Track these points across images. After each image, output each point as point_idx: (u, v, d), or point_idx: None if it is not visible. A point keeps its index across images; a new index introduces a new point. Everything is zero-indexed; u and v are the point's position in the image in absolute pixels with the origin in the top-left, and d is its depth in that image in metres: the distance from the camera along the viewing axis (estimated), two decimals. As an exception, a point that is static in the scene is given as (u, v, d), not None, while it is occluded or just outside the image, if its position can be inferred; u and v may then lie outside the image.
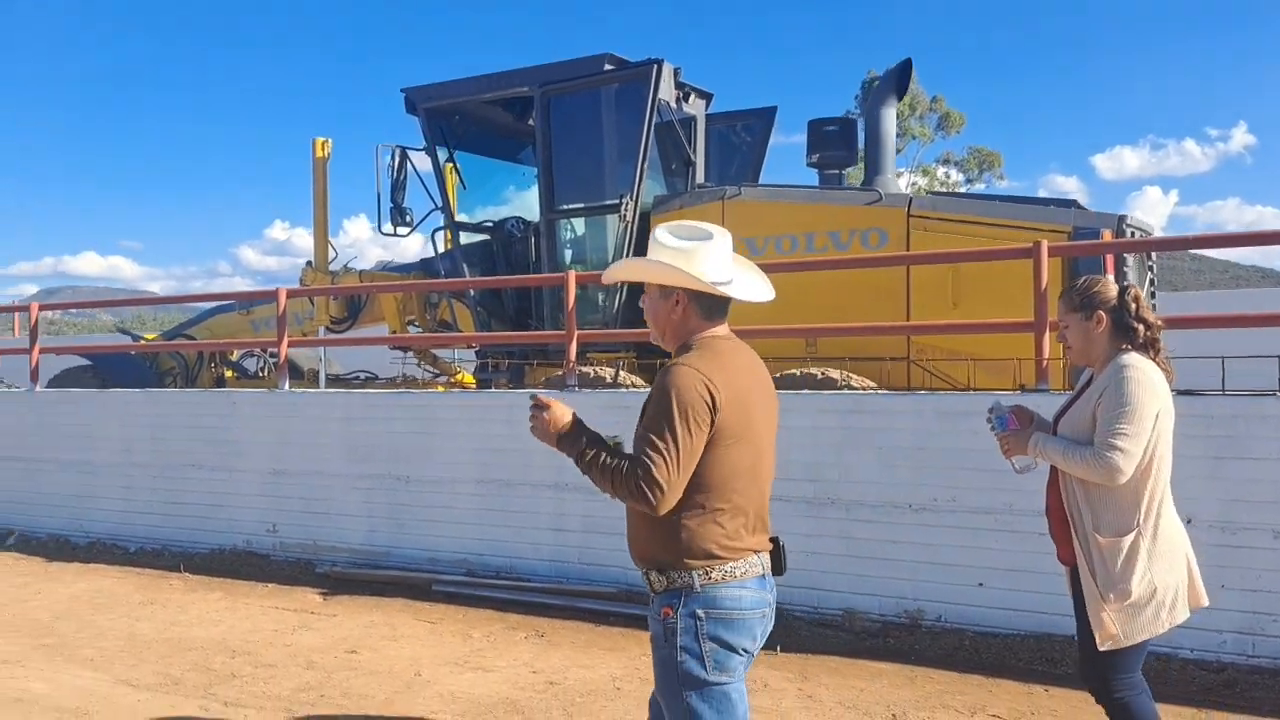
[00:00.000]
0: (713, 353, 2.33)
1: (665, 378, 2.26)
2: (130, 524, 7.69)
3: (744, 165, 8.59)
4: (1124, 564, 2.77)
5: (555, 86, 7.54)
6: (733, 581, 2.28)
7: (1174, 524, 2.86)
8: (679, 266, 2.33)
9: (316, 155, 8.98)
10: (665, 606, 2.29)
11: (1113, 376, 2.81)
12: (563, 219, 7.75)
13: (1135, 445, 2.72)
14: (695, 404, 2.21)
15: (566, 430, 2.36)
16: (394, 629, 5.36)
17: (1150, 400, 2.75)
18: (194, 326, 10.44)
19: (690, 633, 2.26)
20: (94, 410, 7.98)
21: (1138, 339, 2.88)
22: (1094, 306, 2.93)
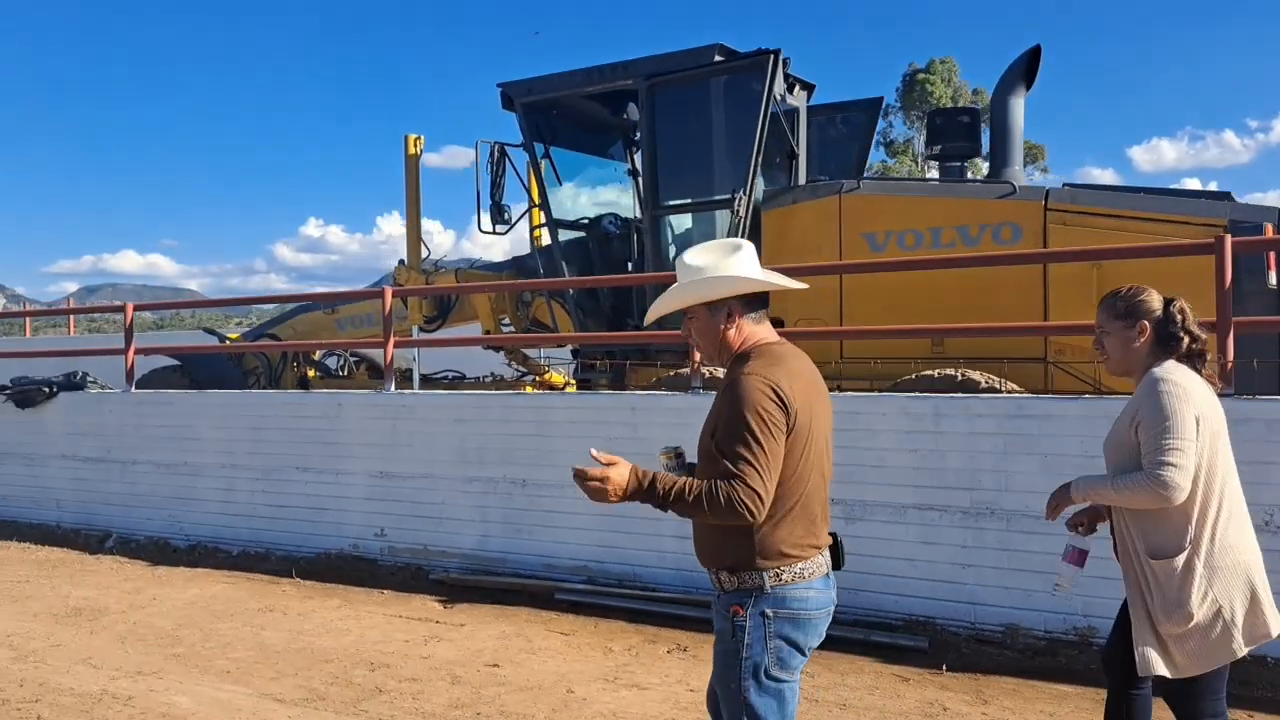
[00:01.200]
0: (773, 358, 2.36)
1: (736, 390, 2.28)
2: (232, 527, 7.60)
3: (844, 158, 8.31)
4: (1181, 587, 2.64)
5: (662, 79, 7.32)
6: (801, 582, 2.33)
7: (1244, 537, 2.71)
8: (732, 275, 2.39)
9: (409, 152, 8.83)
10: (735, 605, 2.33)
11: (1147, 391, 2.72)
12: (668, 215, 7.53)
13: (1186, 458, 2.60)
14: (772, 410, 2.25)
15: (633, 486, 2.30)
16: (529, 641, 5.18)
17: (1187, 408, 2.64)
18: (277, 326, 10.38)
19: (759, 630, 2.31)
20: (193, 411, 7.89)
21: (1181, 350, 2.79)
22: (1138, 316, 2.83)
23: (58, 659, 5.04)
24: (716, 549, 2.38)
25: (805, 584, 2.34)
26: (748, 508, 2.20)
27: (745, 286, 2.41)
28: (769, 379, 2.28)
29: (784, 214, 7.16)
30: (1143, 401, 2.72)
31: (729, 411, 2.27)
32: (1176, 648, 2.66)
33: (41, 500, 8.73)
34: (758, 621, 2.31)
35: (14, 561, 7.45)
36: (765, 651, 2.31)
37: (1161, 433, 2.62)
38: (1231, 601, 2.64)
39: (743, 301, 2.42)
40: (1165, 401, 2.65)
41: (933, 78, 35.13)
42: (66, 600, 6.23)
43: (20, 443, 8.91)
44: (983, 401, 5.09)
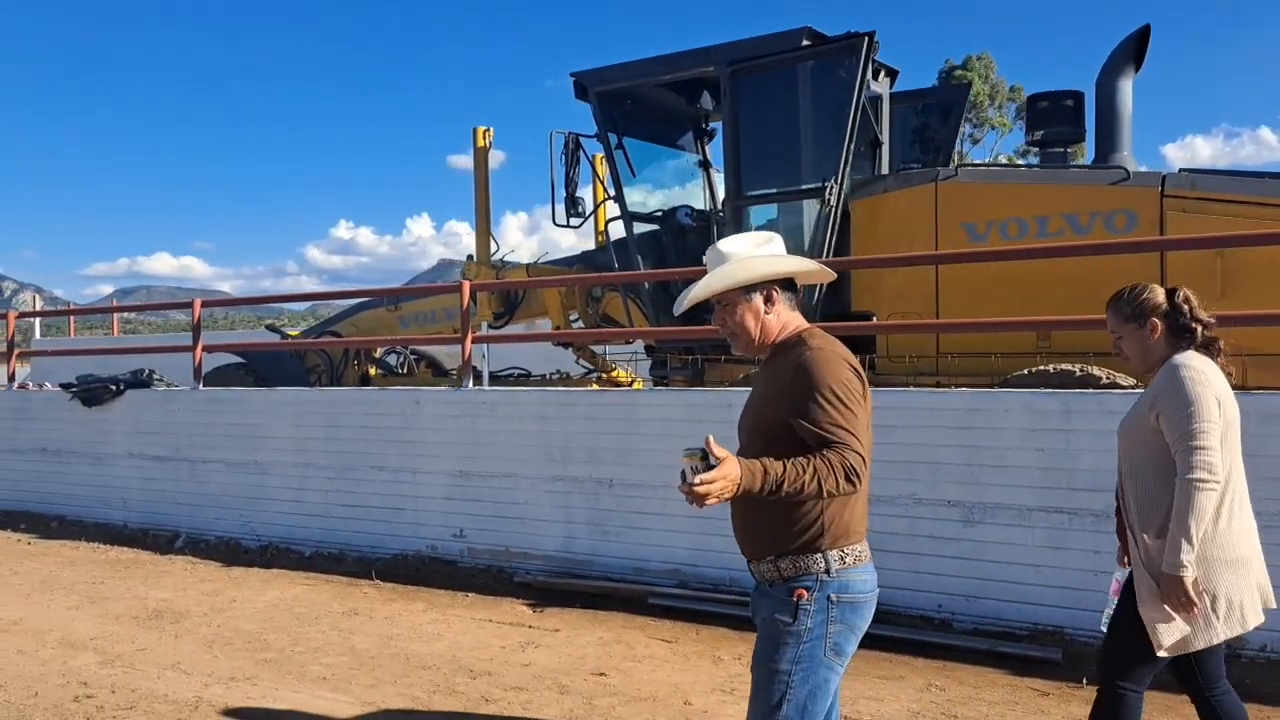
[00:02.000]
0: (828, 339, 2.36)
1: (811, 364, 2.25)
2: (304, 527, 7.45)
3: (928, 147, 8.02)
4: None
5: (745, 65, 7.06)
6: (861, 565, 2.33)
7: (1243, 524, 2.75)
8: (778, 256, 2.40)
9: (478, 145, 8.65)
10: (799, 589, 2.28)
11: (1167, 379, 2.74)
12: (751, 205, 7.27)
13: (1212, 439, 2.64)
14: (851, 379, 2.26)
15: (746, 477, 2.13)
16: (630, 648, 4.95)
17: (1209, 392, 2.68)
18: (339, 323, 10.24)
19: (822, 614, 2.28)
20: (264, 409, 7.75)
21: (1196, 340, 2.83)
22: (1147, 314, 2.88)
23: (146, 664, 4.88)
24: (779, 534, 2.31)
25: (863, 567, 2.34)
26: (859, 474, 2.16)
27: (794, 265, 2.44)
28: (840, 352, 2.29)
29: (874, 204, 6.89)
30: (1163, 388, 2.74)
31: (813, 386, 2.22)
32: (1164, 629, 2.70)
33: (108, 499, 8.64)
34: (822, 604, 2.28)
35: (86, 562, 7.34)
36: (825, 636, 2.28)
37: (1187, 418, 2.65)
38: (1221, 593, 2.69)
39: (781, 286, 2.41)
40: (1188, 387, 2.67)
41: (970, 74, 34.59)
42: (145, 602, 6.09)
43: (86, 441, 8.82)
44: (1119, 398, 4.78)
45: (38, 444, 9.19)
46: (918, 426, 5.18)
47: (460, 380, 7.01)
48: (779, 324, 2.41)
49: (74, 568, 7.14)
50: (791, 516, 2.28)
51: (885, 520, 5.25)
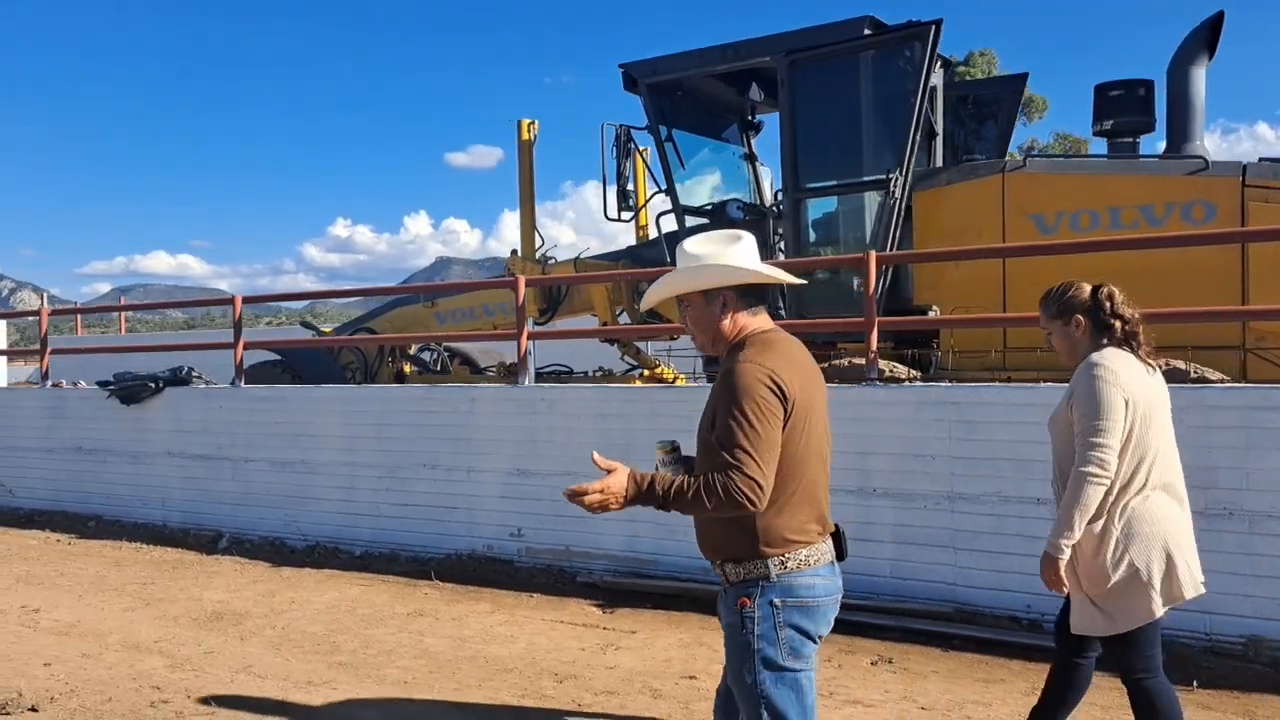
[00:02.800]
0: (769, 345, 2.34)
1: (731, 378, 2.27)
2: (354, 526, 7.32)
3: (980, 138, 7.87)
4: (1096, 551, 2.86)
5: (804, 54, 6.93)
6: (807, 569, 2.32)
7: (1160, 508, 2.88)
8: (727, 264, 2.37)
9: (522, 137, 8.51)
10: (743, 596, 2.31)
11: (1081, 377, 2.91)
12: (809, 198, 7.14)
13: (1111, 437, 2.81)
14: (767, 398, 2.23)
15: (630, 493, 2.34)
16: (714, 651, 4.82)
17: (1115, 392, 2.83)
18: (373, 320, 10.11)
19: (768, 621, 2.29)
20: (310, 407, 7.62)
21: (1116, 335, 2.97)
22: (1071, 311, 3.04)
23: (216, 667, 4.75)
24: (720, 541, 2.36)
25: (811, 570, 2.33)
26: (747, 497, 2.17)
27: (739, 277, 2.39)
28: (765, 366, 2.27)
29: (937, 195, 6.75)
30: (1078, 385, 2.93)
31: (726, 401, 2.24)
32: (1101, 607, 2.88)
33: (147, 499, 8.51)
34: (766, 611, 2.29)
35: (132, 562, 7.22)
36: (777, 642, 2.28)
37: (1088, 417, 2.84)
38: (1149, 565, 2.82)
39: (737, 292, 2.41)
40: (1096, 386, 2.85)
41: (973, 71, 34.33)
42: (200, 603, 5.96)
43: (125, 440, 8.70)
44: (1219, 392, 4.65)
45: (73, 443, 9.06)
46: (1002, 422, 5.05)
47: (516, 377, 6.87)
48: (733, 328, 2.42)
49: (120, 568, 7.01)
50: (729, 523, 2.30)
51: (969, 519, 5.13)
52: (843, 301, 6.94)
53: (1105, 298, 3.00)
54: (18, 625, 5.56)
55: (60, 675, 4.67)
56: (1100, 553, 2.85)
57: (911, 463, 5.28)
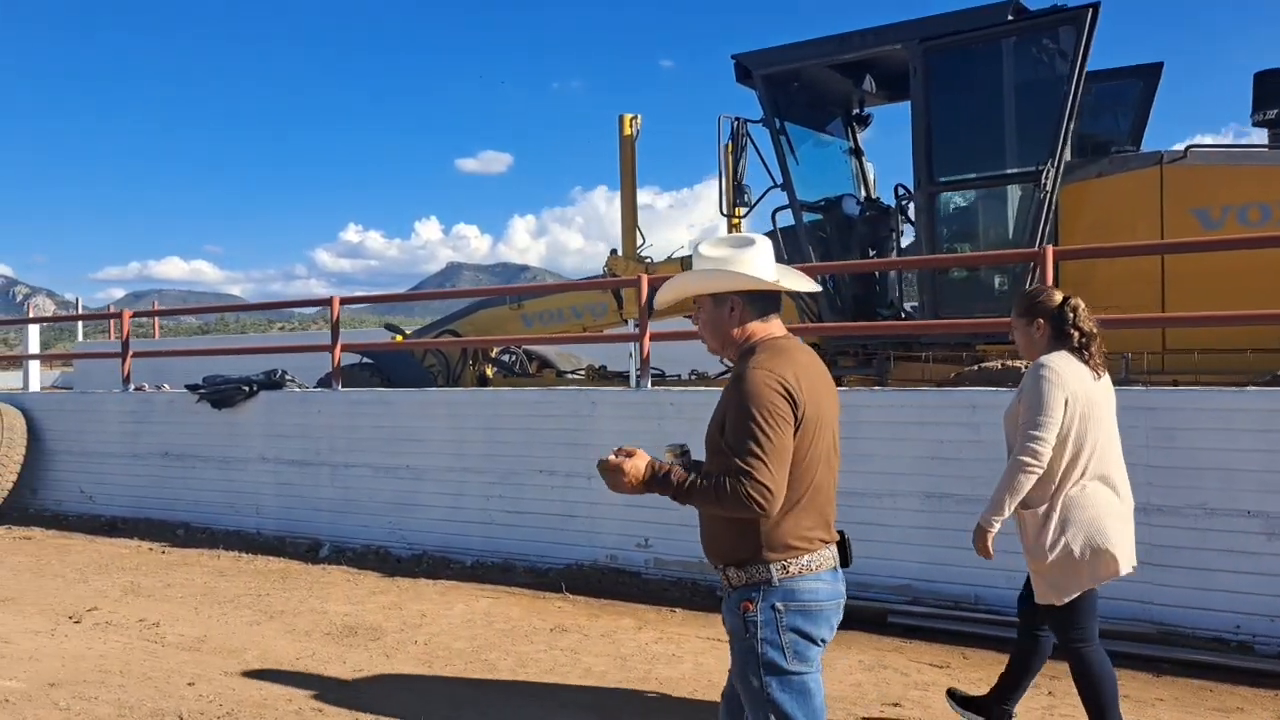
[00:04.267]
0: (778, 351, 2.38)
1: (742, 384, 2.30)
2: (464, 535, 7.04)
3: (1113, 129, 7.51)
4: (1039, 532, 3.23)
5: (941, 42, 6.60)
6: (809, 574, 2.34)
7: (1098, 495, 3.22)
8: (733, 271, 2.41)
9: (624, 133, 8.23)
10: (745, 601, 2.34)
11: (1030, 376, 3.24)
12: (945, 192, 6.80)
13: (1048, 432, 3.15)
14: (778, 403, 2.26)
15: (646, 476, 2.39)
16: (904, 674, 4.51)
17: (1058, 393, 3.16)
18: (456, 322, 9.84)
19: (770, 625, 2.32)
20: (416, 411, 7.36)
21: (1072, 344, 3.29)
22: (1036, 313, 3.37)
23: (372, 687, 4.47)
24: (724, 544, 2.40)
25: (814, 575, 2.35)
26: (757, 502, 2.22)
27: (744, 284, 2.42)
28: (775, 372, 2.30)
29: (1084, 189, 6.41)
30: (1026, 382, 3.27)
31: (737, 406, 2.28)
32: (1041, 580, 3.27)
33: (239, 506, 8.27)
34: (769, 616, 2.32)
35: (236, 572, 6.97)
36: (781, 646, 2.31)
37: (1030, 412, 3.18)
38: (1082, 546, 3.17)
39: (746, 297, 2.45)
40: (1042, 387, 3.18)
41: None
42: (326, 616, 5.69)
43: (214, 445, 8.47)
44: None
45: (159, 448, 8.84)
46: (1206, 429, 4.72)
47: (638, 381, 6.58)
48: (742, 333, 2.46)
49: (226, 578, 6.76)
50: (732, 527, 2.34)
51: (1167, 533, 4.79)
52: (981, 300, 6.61)
53: (1070, 310, 3.31)
54: (143, 641, 5.31)
55: (209, 695, 4.41)
56: (1041, 534, 3.22)
57: (1097, 471, 4.94)
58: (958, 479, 5.32)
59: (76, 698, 4.42)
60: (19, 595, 6.36)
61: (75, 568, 7.20)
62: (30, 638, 5.38)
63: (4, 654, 5.08)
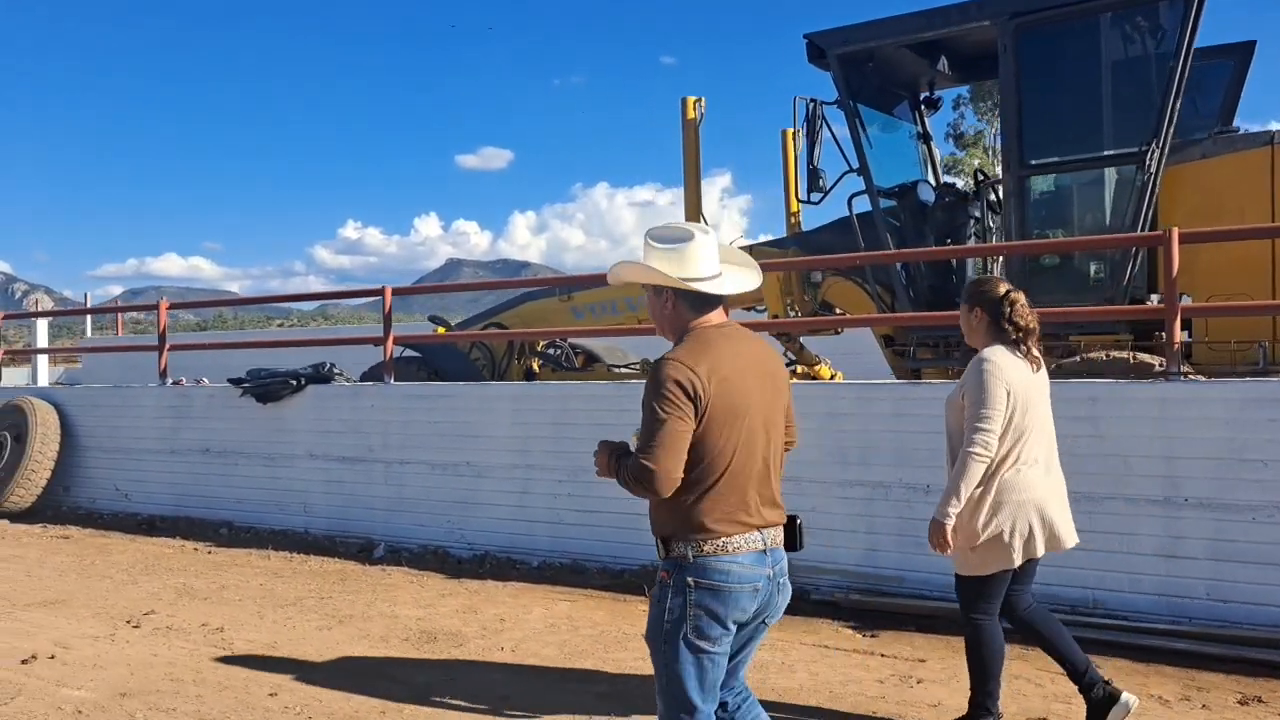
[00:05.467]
0: (699, 342, 2.50)
1: (652, 372, 2.46)
2: (530, 535, 6.74)
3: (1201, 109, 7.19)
4: (972, 514, 3.37)
5: (1034, 17, 6.28)
6: (724, 555, 2.44)
7: (1030, 480, 3.39)
8: (661, 269, 2.51)
9: (688, 116, 7.92)
10: (664, 570, 2.51)
11: (971, 369, 3.39)
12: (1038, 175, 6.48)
13: (994, 424, 3.30)
14: (674, 391, 2.39)
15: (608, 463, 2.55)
16: (1038, 685, 4.21)
17: (999, 385, 3.31)
18: (501, 314, 9.52)
19: (680, 597, 2.45)
20: (477, 405, 7.05)
21: (1009, 337, 3.43)
22: (976, 302, 3.50)
23: (472, 699, 4.17)
24: (654, 519, 2.56)
25: (729, 557, 2.45)
26: (647, 482, 2.38)
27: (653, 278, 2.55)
28: (683, 362, 2.42)
29: (1185, 171, 6.10)
30: (969, 375, 3.42)
31: (646, 392, 2.43)
32: (967, 555, 3.44)
33: (285, 504, 7.97)
34: (680, 588, 2.46)
35: (291, 573, 6.67)
36: (685, 618, 2.44)
37: (975, 405, 3.33)
38: (1011, 527, 3.36)
39: (679, 292, 2.55)
40: (984, 379, 3.33)
41: None
42: (398, 621, 5.40)
43: (258, 441, 8.17)
44: None
45: (199, 444, 8.55)
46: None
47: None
48: (679, 323, 2.57)
49: (282, 580, 6.47)
50: (661, 507, 2.49)
51: None
52: (1077, 288, 6.30)
53: (1008, 304, 3.44)
54: (209, 646, 5.01)
55: (294, 706, 4.12)
56: (974, 516, 3.37)
57: (1234, 469, 4.64)
58: (1076, 476, 4.94)
59: (153, 709, 4.13)
60: (69, 597, 6.07)
61: (121, 568, 6.91)
62: (90, 643, 5.08)
63: (66, 660, 4.79)
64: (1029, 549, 3.41)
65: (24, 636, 5.20)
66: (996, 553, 3.39)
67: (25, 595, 6.14)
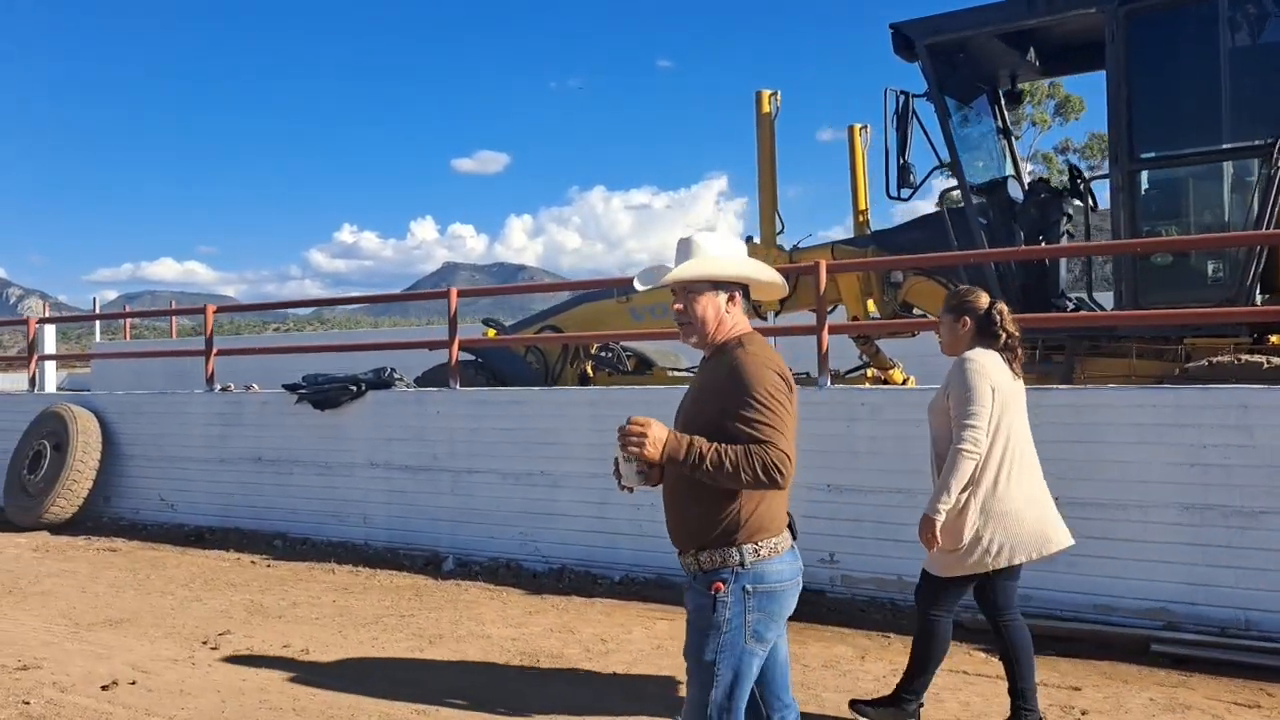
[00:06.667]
0: (762, 344, 2.55)
1: (750, 368, 2.43)
2: (611, 547, 6.42)
3: None
4: (958, 516, 3.46)
5: (1145, 3, 5.97)
6: (775, 557, 2.46)
7: (1016, 487, 3.48)
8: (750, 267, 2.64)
9: (762, 110, 7.60)
10: (716, 581, 2.43)
11: (955, 370, 3.53)
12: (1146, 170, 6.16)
13: (982, 420, 3.41)
14: (781, 386, 2.43)
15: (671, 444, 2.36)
16: (1215, 715, 3.87)
17: (985, 383, 3.43)
18: (555, 317, 9.21)
19: (738, 604, 2.42)
20: (552, 411, 6.74)
21: (999, 345, 3.58)
22: (963, 312, 3.64)
23: (595, 731, 3.86)
24: (695, 528, 2.47)
25: (779, 558, 2.46)
26: (780, 471, 2.32)
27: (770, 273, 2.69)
28: (772, 360, 2.47)
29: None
30: (953, 375, 3.50)
31: (746, 388, 2.38)
32: (942, 557, 3.52)
33: (343, 515, 7.66)
34: (739, 596, 2.41)
35: (361, 588, 6.35)
36: (744, 625, 2.41)
37: (965, 402, 3.41)
38: (993, 534, 3.43)
39: (743, 291, 2.61)
40: (969, 378, 3.42)
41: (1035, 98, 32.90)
42: (492, 641, 5.08)
43: (314, 449, 7.86)
44: None
45: (250, 453, 8.24)
46: None
47: (818, 378, 5.96)
48: (731, 323, 2.56)
49: (354, 595, 6.15)
50: (711, 512, 2.43)
51: None
52: (1192, 288, 5.98)
53: (997, 312, 3.60)
54: (298, 670, 4.69)
55: (411, 741, 3.80)
56: (960, 518, 3.43)
57: None
58: (1224, 488, 4.69)
59: (257, 743, 3.81)
60: (134, 616, 5.76)
61: (179, 583, 6.60)
62: (169, 666, 4.77)
63: (149, 686, 4.48)
64: (1010, 556, 3.47)
65: (96, 659, 4.89)
66: (973, 558, 3.47)
67: (86, 613, 5.84)
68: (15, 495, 9.08)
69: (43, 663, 4.84)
